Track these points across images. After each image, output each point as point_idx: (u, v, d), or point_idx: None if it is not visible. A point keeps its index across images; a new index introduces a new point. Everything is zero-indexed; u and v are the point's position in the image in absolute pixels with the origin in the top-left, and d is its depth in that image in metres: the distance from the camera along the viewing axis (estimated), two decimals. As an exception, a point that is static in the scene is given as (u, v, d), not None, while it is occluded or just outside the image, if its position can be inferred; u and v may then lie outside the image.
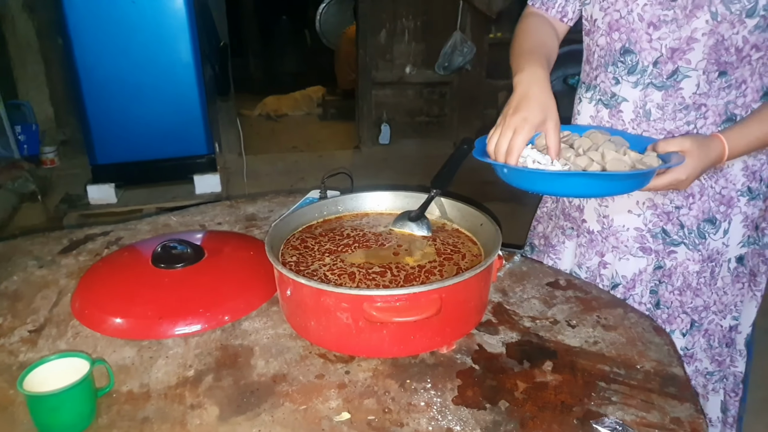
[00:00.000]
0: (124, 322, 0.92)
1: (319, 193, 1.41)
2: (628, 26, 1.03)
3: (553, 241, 1.28)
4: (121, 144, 3.13)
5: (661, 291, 1.13)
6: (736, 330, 1.17)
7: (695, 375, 1.18)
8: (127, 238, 1.28)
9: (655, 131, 1.05)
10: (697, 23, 0.95)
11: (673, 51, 0.99)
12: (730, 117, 1.02)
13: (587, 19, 1.12)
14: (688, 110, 1.02)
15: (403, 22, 4.54)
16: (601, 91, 1.11)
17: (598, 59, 1.11)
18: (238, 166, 3.94)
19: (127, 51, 3.01)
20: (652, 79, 1.03)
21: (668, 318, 1.14)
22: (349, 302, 0.80)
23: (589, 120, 1.15)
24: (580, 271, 1.21)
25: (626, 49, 1.04)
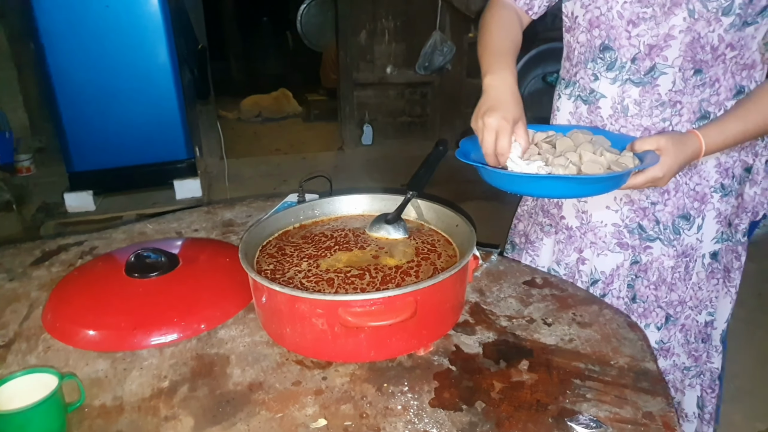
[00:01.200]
0: (96, 334, 0.91)
1: (298, 197, 1.40)
2: (608, 23, 1.04)
3: (532, 237, 1.28)
4: (99, 150, 3.08)
5: (637, 285, 1.14)
6: (711, 326, 1.19)
7: (673, 369, 1.19)
8: (101, 247, 1.26)
9: (633, 127, 1.06)
10: (674, 20, 0.97)
11: (650, 48, 1.00)
12: (704, 115, 1.04)
13: (567, 16, 1.13)
14: (664, 107, 1.04)
15: (383, 23, 4.54)
16: (580, 87, 1.12)
17: (578, 56, 1.12)
18: (220, 170, 3.91)
19: (101, 55, 2.97)
20: (630, 76, 1.04)
21: (644, 312, 1.15)
22: (324, 308, 0.80)
23: (568, 116, 1.16)
24: (558, 267, 1.21)
25: (606, 45, 1.05)
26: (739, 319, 1.22)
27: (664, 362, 1.18)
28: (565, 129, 1.06)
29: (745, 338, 2.27)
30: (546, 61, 3.75)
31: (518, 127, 0.95)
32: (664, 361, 1.18)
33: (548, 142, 1.01)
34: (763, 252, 2.81)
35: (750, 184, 1.12)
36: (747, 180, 1.12)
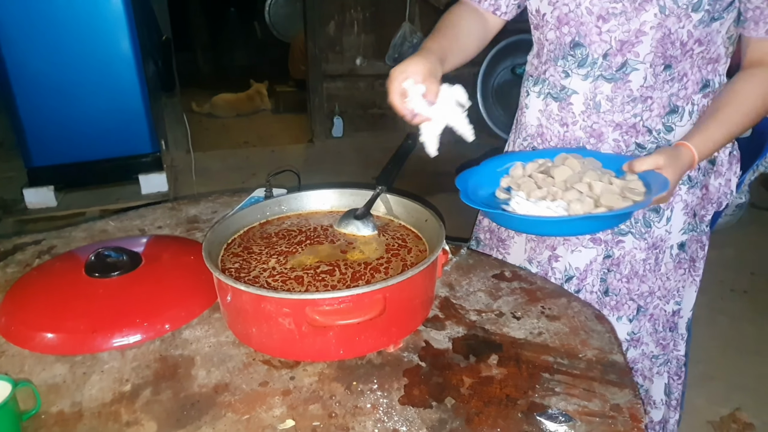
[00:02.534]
0: (54, 338, 0.88)
1: (265, 191, 1.38)
2: (577, 20, 1.03)
3: (503, 235, 1.28)
4: (59, 144, 2.99)
5: (609, 279, 1.15)
6: (678, 314, 1.21)
7: (641, 358, 1.21)
8: (60, 246, 1.22)
9: (605, 123, 1.07)
10: (645, 16, 0.97)
11: (622, 43, 1.01)
12: (673, 109, 1.05)
13: (533, 13, 1.12)
14: (635, 102, 1.04)
15: (352, 14, 4.50)
16: (550, 84, 1.12)
17: (547, 53, 1.11)
18: (187, 164, 3.83)
19: (61, 46, 2.88)
20: (602, 72, 1.04)
21: (616, 305, 1.16)
22: (291, 307, 0.78)
23: (537, 114, 1.16)
24: (530, 266, 1.21)
25: (576, 42, 1.05)
26: (702, 306, 1.25)
27: (633, 352, 1.19)
28: (550, 153, 1.07)
29: (707, 324, 2.33)
30: (515, 52, 3.77)
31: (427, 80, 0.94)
32: (634, 350, 1.20)
33: (543, 172, 1.01)
34: (723, 240, 2.89)
35: (714, 175, 1.14)
36: (711, 172, 1.13)
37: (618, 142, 1.08)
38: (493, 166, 1.09)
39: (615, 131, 1.07)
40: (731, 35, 1.03)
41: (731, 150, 1.15)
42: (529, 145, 1.19)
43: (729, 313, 2.49)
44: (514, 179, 1.04)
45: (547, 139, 1.15)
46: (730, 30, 1.02)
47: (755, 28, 0.99)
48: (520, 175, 1.04)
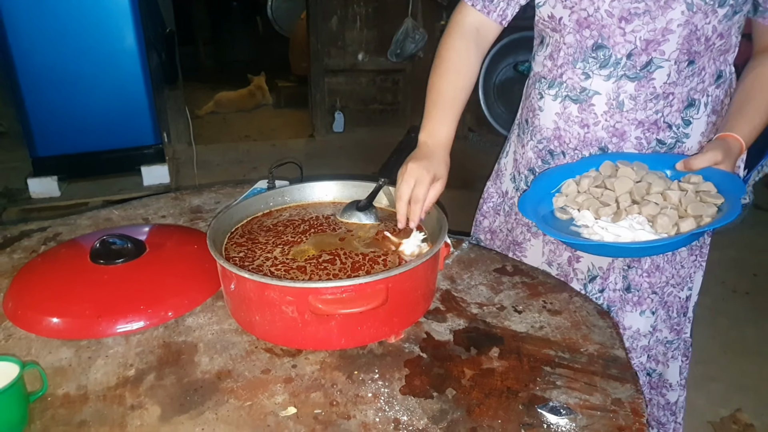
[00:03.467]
0: (60, 322, 0.88)
1: (267, 183, 1.38)
2: (598, 23, 1.02)
3: (518, 239, 1.27)
4: (63, 135, 3.00)
5: (631, 275, 1.15)
6: (689, 299, 1.22)
7: (656, 344, 1.22)
8: (65, 233, 1.23)
9: (627, 121, 1.07)
10: (672, 14, 0.97)
11: (648, 43, 1.00)
12: (690, 103, 1.06)
13: (545, 19, 1.10)
14: (657, 99, 1.05)
15: (355, 9, 4.50)
16: (568, 87, 1.10)
17: (564, 56, 1.09)
18: (188, 157, 3.84)
19: (66, 37, 2.89)
20: (626, 71, 1.04)
21: (638, 300, 1.17)
22: (294, 295, 0.79)
23: (554, 117, 1.13)
24: (550, 268, 1.21)
25: (599, 45, 1.04)
26: (704, 307, 1.26)
27: (651, 339, 1.20)
28: (594, 162, 1.05)
29: (708, 326, 2.34)
30: (517, 50, 3.77)
31: (437, 186, 1.02)
32: (651, 337, 1.20)
33: (598, 186, 1.00)
34: (726, 241, 2.90)
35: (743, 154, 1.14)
36: None
37: (640, 140, 1.08)
38: (545, 186, 1.06)
39: (637, 129, 1.07)
40: (741, 25, 1.04)
41: None
42: (545, 148, 1.17)
43: (730, 315, 2.50)
44: (571, 198, 1.01)
45: (566, 141, 1.14)
46: (741, 20, 1.03)
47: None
48: (575, 191, 1.02)
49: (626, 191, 0.97)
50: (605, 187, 0.99)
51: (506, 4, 1.12)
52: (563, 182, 1.05)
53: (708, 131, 1.09)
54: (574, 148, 1.12)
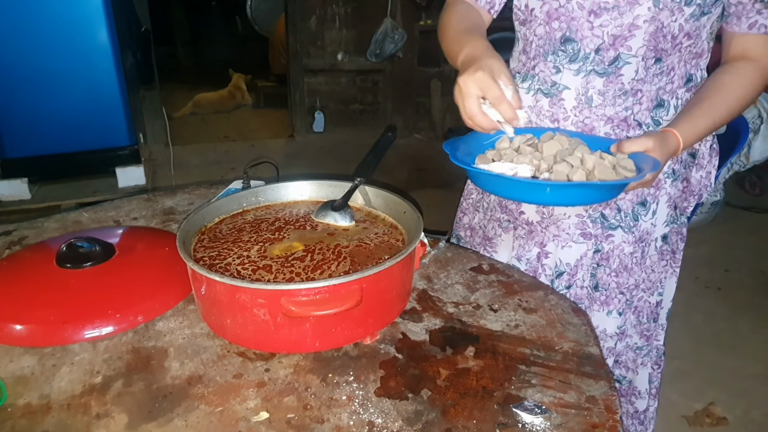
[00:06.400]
0: (23, 329, 0.86)
1: (242, 183, 1.36)
2: (568, 15, 1.03)
3: (490, 234, 1.27)
4: (34, 135, 2.93)
5: (599, 274, 1.16)
6: (660, 305, 1.22)
7: (626, 350, 1.22)
8: (32, 237, 1.19)
9: (596, 117, 1.07)
10: (639, 10, 0.97)
11: (615, 38, 1.01)
12: (660, 103, 1.06)
13: (520, 9, 1.11)
14: (626, 96, 1.05)
15: (334, 9, 4.48)
16: (540, 80, 1.11)
17: (536, 49, 1.10)
18: (165, 158, 3.79)
19: (37, 35, 2.82)
20: (594, 66, 1.04)
21: (606, 299, 1.17)
22: (266, 298, 0.77)
23: (527, 110, 1.14)
24: (519, 263, 1.21)
25: (567, 37, 1.04)
26: (677, 303, 1.27)
27: (619, 344, 1.20)
28: (537, 132, 1.06)
29: (682, 321, 2.37)
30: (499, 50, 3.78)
31: (503, 77, 0.92)
32: (620, 343, 1.20)
33: (530, 145, 1.00)
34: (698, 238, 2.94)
35: (696, 168, 1.15)
36: (693, 164, 1.15)
37: (609, 136, 1.08)
38: (480, 138, 1.05)
39: (606, 125, 1.08)
40: (713, 30, 1.05)
41: (711, 143, 1.16)
42: None
43: (703, 310, 2.54)
44: (500, 151, 1.00)
45: None
46: (713, 25, 1.04)
47: (738, 23, 1.01)
48: (506, 147, 1.01)
49: (552, 153, 0.97)
50: (536, 149, 0.99)
51: None
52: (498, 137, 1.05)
53: None
54: None
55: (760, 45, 1.02)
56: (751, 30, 1.01)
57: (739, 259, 2.96)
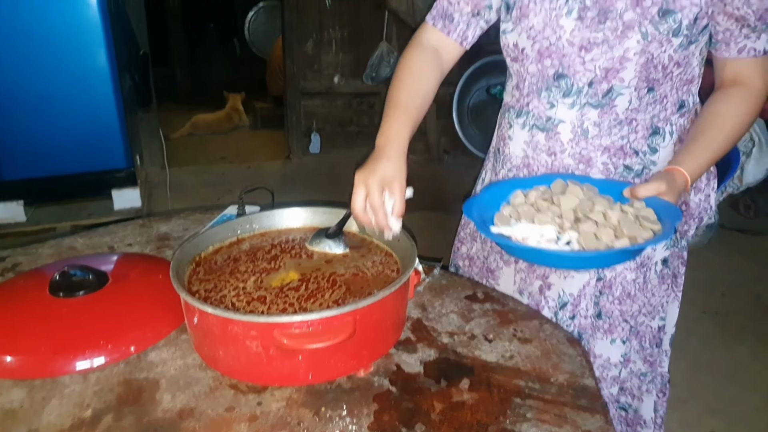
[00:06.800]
0: (13, 361, 0.85)
1: (237, 209, 1.36)
2: (559, 52, 1.04)
3: (492, 266, 1.27)
4: (30, 158, 2.93)
5: (602, 302, 1.15)
6: (663, 330, 1.21)
7: (630, 377, 1.21)
8: (26, 263, 1.19)
9: (593, 148, 1.08)
10: (629, 43, 0.99)
11: (607, 71, 1.02)
12: (655, 130, 1.07)
13: (509, 47, 1.11)
14: (621, 125, 1.06)
15: (330, 33, 4.53)
16: (535, 116, 1.12)
17: (529, 86, 1.11)
18: (161, 179, 3.78)
19: (35, 59, 2.83)
20: (588, 99, 1.05)
21: (609, 327, 1.16)
22: (258, 330, 0.77)
23: (523, 145, 1.15)
24: (521, 297, 1.20)
25: (560, 73, 1.05)
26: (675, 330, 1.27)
27: (623, 371, 1.19)
28: (545, 180, 1.06)
29: (679, 347, 2.32)
30: (489, 73, 3.82)
31: (394, 188, 0.95)
32: (624, 370, 1.19)
33: (545, 199, 1.00)
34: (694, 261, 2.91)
35: (694, 191, 1.16)
36: (691, 188, 1.15)
37: (607, 165, 1.09)
38: (494, 195, 1.06)
39: (603, 155, 1.08)
40: (703, 56, 1.07)
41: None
42: (515, 176, 1.18)
43: (701, 336, 2.52)
44: (516, 208, 1.01)
45: (534, 169, 1.14)
46: (702, 51, 1.05)
47: (727, 49, 1.03)
48: (522, 203, 1.02)
49: (570, 208, 0.97)
50: (552, 202, 1.00)
51: (466, 26, 1.14)
52: (512, 192, 1.06)
53: None
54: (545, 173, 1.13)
55: (752, 68, 1.03)
56: (740, 54, 1.02)
57: (735, 284, 2.95)
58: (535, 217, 0.97)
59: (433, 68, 1.14)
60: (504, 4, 1.10)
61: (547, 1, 1.02)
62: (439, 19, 1.15)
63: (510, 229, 0.95)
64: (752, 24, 0.98)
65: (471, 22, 1.14)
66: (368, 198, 0.94)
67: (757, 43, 1.00)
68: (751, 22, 0.98)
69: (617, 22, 0.98)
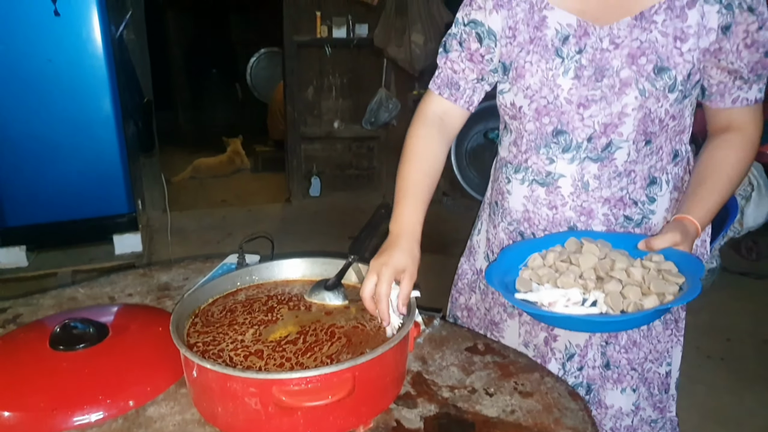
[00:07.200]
0: (11, 416, 0.84)
1: (237, 258, 1.37)
2: (557, 110, 1.06)
3: (496, 318, 1.27)
4: (34, 204, 2.95)
5: (609, 352, 1.15)
6: (669, 375, 1.21)
7: (641, 425, 1.19)
8: (26, 315, 1.19)
9: (594, 200, 1.10)
10: (626, 99, 1.01)
11: (606, 126, 1.04)
12: (652, 180, 1.10)
13: (507, 105, 1.13)
14: (620, 177, 1.08)
15: (330, 80, 4.64)
16: (535, 172, 1.13)
17: (527, 143, 1.12)
18: (163, 223, 3.81)
19: (41, 109, 2.89)
20: (588, 153, 1.07)
21: (618, 377, 1.16)
22: (257, 387, 0.77)
23: (523, 200, 1.16)
24: (527, 349, 1.20)
25: (558, 130, 1.07)
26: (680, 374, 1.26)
27: (635, 419, 1.18)
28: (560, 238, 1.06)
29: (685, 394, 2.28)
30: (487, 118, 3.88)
31: (404, 276, 0.97)
32: (635, 417, 1.18)
33: (564, 261, 1.01)
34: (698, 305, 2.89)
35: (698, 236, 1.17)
36: None
37: (607, 216, 1.10)
38: (512, 259, 1.07)
39: (604, 206, 1.10)
40: (694, 107, 1.10)
41: None
42: (516, 229, 1.19)
43: (707, 382, 2.48)
44: (536, 271, 1.01)
45: (535, 222, 1.16)
46: (693, 103, 1.08)
47: (722, 100, 1.06)
48: (541, 265, 1.02)
49: (591, 267, 0.98)
50: (570, 262, 1.01)
51: (472, 91, 1.16)
52: (530, 256, 1.06)
53: (671, 207, 1.13)
54: (544, 229, 1.14)
55: (745, 116, 1.07)
56: (734, 104, 1.05)
57: (740, 328, 2.92)
58: (557, 280, 0.97)
59: (440, 142, 1.16)
60: (501, 66, 1.11)
61: (543, 62, 1.05)
62: (445, 88, 1.16)
63: (535, 294, 0.96)
64: (745, 76, 1.02)
65: (477, 87, 1.16)
66: (377, 286, 0.95)
67: (749, 93, 1.04)
68: (744, 74, 1.01)
69: (614, 79, 1.01)
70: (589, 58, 1.02)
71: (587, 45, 1.02)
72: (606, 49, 1.01)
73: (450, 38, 1.16)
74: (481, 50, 1.12)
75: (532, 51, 1.06)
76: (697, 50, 0.99)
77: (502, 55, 1.11)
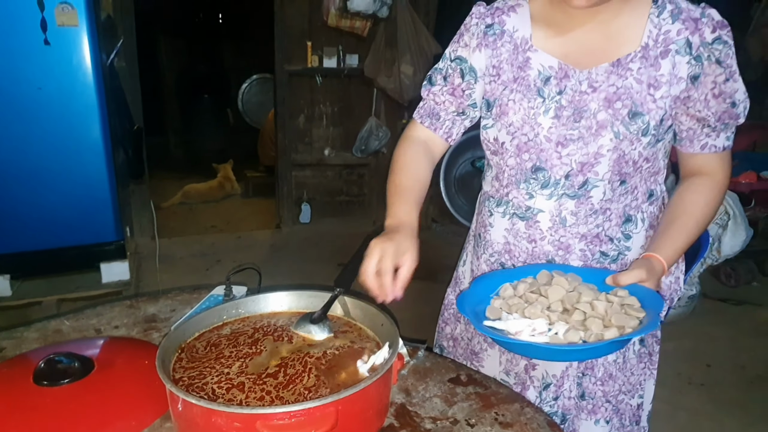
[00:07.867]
0: (-6, 454, 0.84)
1: (224, 290, 1.38)
2: (537, 147, 1.10)
3: (476, 348, 1.29)
4: (19, 232, 2.92)
5: (585, 383, 1.17)
6: (641, 407, 1.23)
7: None
8: (10, 348, 1.19)
9: (571, 235, 1.13)
10: (602, 141, 1.05)
11: (582, 165, 1.08)
12: (627, 218, 1.13)
13: (490, 141, 1.17)
14: (596, 215, 1.11)
15: (321, 108, 4.69)
16: (515, 206, 1.17)
17: (508, 177, 1.16)
18: (151, 250, 3.80)
19: (30, 136, 2.88)
20: (566, 191, 1.11)
21: (593, 408, 1.18)
22: (242, 421, 0.78)
23: (504, 233, 1.20)
24: (508, 378, 1.23)
25: (537, 167, 1.11)
26: (661, 400, 1.28)
27: None
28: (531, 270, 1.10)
29: (667, 420, 2.33)
30: (474, 147, 3.94)
31: (406, 258, 1.00)
32: None
33: (533, 292, 1.04)
34: (679, 332, 2.95)
35: (666, 274, 1.20)
36: None
37: (584, 252, 1.14)
38: (483, 288, 1.10)
39: (581, 242, 1.14)
40: (667, 151, 1.15)
41: None
42: (497, 261, 1.22)
43: (688, 408, 2.49)
44: (507, 301, 1.04)
45: (515, 255, 1.19)
46: (666, 147, 1.13)
47: (690, 145, 1.11)
48: (512, 295, 1.06)
49: (558, 299, 1.01)
50: (540, 294, 1.04)
51: (452, 123, 1.21)
52: (501, 286, 1.09)
53: (647, 245, 1.16)
54: (524, 262, 1.17)
55: (713, 162, 1.12)
56: (703, 150, 1.10)
57: (720, 354, 2.95)
58: (525, 310, 1.00)
59: (425, 158, 1.21)
60: (485, 102, 1.16)
61: (526, 101, 1.09)
62: (426, 117, 1.23)
63: (503, 323, 0.99)
64: (712, 124, 1.06)
65: (456, 120, 1.22)
66: (380, 262, 0.98)
67: (717, 141, 1.09)
68: (711, 122, 1.06)
69: (591, 121, 1.05)
70: (569, 99, 1.06)
71: (567, 87, 1.06)
72: (585, 91, 1.05)
73: (436, 72, 1.21)
74: (462, 85, 1.17)
75: (515, 90, 1.10)
76: (669, 97, 1.03)
77: (486, 92, 1.15)
